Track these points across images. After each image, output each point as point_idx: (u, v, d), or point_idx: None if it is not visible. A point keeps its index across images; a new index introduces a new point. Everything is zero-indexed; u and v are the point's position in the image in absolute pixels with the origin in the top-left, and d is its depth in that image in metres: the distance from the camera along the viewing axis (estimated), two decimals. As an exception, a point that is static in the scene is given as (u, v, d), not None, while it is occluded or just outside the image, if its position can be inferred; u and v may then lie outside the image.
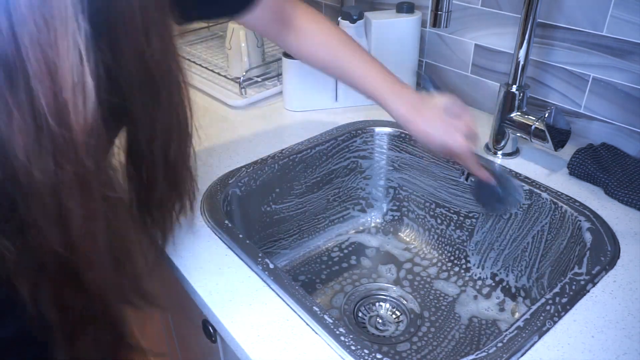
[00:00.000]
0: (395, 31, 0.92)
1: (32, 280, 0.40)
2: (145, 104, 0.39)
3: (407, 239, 0.93)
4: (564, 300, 0.55)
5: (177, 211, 0.50)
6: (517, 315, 0.77)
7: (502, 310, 0.79)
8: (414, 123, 0.64)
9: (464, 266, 0.86)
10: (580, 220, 0.67)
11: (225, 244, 0.64)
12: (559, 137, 0.73)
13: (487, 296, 0.81)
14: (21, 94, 0.32)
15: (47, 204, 0.35)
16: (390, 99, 0.65)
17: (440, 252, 0.89)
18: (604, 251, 0.61)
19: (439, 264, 0.88)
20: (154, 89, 0.40)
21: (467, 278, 0.85)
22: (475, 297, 0.81)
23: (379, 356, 0.49)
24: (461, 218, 0.85)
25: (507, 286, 0.81)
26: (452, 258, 0.88)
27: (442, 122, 0.63)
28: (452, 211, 0.86)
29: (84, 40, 0.33)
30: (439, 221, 0.89)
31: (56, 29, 0.31)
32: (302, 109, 0.97)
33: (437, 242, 0.90)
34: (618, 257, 0.61)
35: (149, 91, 0.39)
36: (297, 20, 0.67)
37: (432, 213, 0.90)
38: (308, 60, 0.70)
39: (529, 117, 0.75)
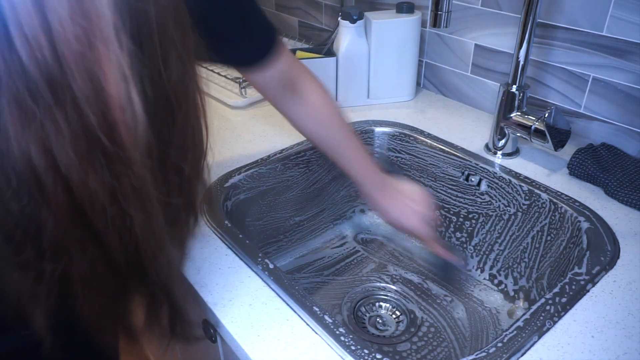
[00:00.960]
0: (395, 31, 0.92)
1: (61, 305, 0.40)
2: (160, 125, 0.39)
3: (407, 238, 0.93)
4: (564, 300, 0.55)
5: (192, 225, 0.50)
6: (517, 315, 0.77)
7: (502, 310, 0.79)
8: (381, 206, 0.71)
9: (464, 265, 0.86)
10: (580, 221, 0.67)
11: (225, 244, 0.64)
12: (559, 137, 0.73)
13: (487, 296, 0.81)
14: (70, 111, 0.32)
15: (111, 215, 0.36)
16: (365, 183, 0.71)
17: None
18: (604, 251, 0.61)
19: (439, 264, 0.88)
20: (169, 111, 0.40)
21: (467, 277, 0.85)
22: (475, 297, 0.81)
23: (378, 356, 0.49)
24: (461, 219, 0.85)
25: (507, 286, 0.81)
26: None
27: (403, 207, 0.70)
28: (451, 212, 0.86)
29: (128, 59, 0.33)
30: (438, 222, 0.89)
31: (99, 47, 0.32)
32: (302, 109, 0.97)
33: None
34: (618, 257, 0.61)
35: (164, 113, 0.39)
36: (303, 89, 0.67)
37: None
38: (303, 131, 0.71)
39: (529, 117, 0.75)
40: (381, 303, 0.82)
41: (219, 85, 1.06)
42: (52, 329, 0.40)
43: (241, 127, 0.92)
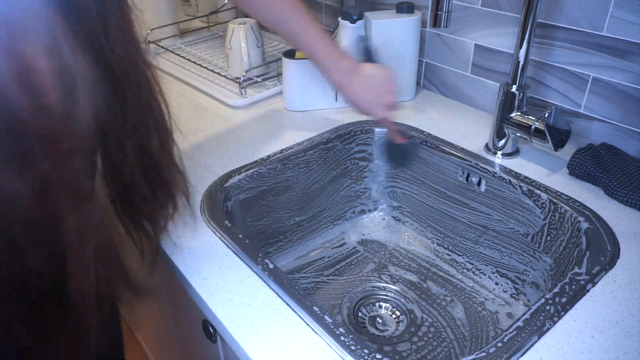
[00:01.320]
0: (395, 31, 0.92)
1: None
2: (110, 103, 0.35)
3: (407, 239, 0.93)
4: (564, 300, 0.55)
5: (171, 209, 0.47)
6: (516, 315, 0.77)
7: (502, 310, 0.79)
8: (345, 90, 0.75)
9: (464, 266, 0.86)
10: (580, 221, 0.67)
11: (225, 244, 0.64)
12: (559, 137, 0.73)
13: (487, 296, 0.81)
14: None
15: (33, 218, 0.32)
16: (329, 65, 0.74)
17: (440, 251, 0.89)
18: (604, 251, 0.61)
19: (439, 264, 0.88)
20: (117, 86, 0.36)
21: (467, 277, 0.85)
22: (475, 297, 0.81)
23: (378, 356, 0.49)
24: (461, 218, 0.85)
25: (507, 286, 0.81)
26: (452, 257, 0.88)
27: (368, 93, 0.74)
28: (453, 210, 0.86)
29: (66, 32, 0.30)
30: (439, 220, 0.89)
31: (20, 23, 0.28)
32: (302, 109, 0.97)
33: (437, 241, 0.90)
34: (618, 257, 0.61)
35: (112, 88, 0.36)
36: None
37: (432, 212, 0.90)
38: (263, 21, 0.75)
39: (529, 117, 0.75)
40: (381, 303, 0.82)
41: (219, 85, 1.06)
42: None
43: (241, 127, 0.92)
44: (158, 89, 0.41)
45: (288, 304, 0.55)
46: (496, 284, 0.82)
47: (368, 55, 0.77)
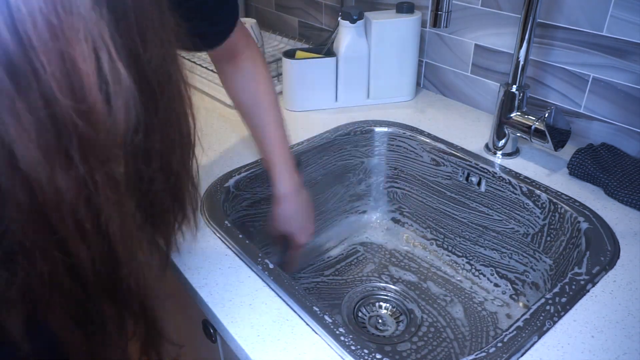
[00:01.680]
0: (395, 31, 0.92)
1: (34, 311, 0.37)
2: (142, 113, 0.35)
3: (407, 239, 0.93)
4: (564, 300, 0.55)
5: (180, 221, 0.47)
6: (516, 315, 0.77)
7: (501, 310, 0.79)
8: (282, 208, 0.74)
9: (463, 266, 0.86)
10: (579, 221, 0.67)
11: (225, 244, 0.64)
12: (559, 137, 0.73)
13: (487, 296, 0.81)
14: (34, 100, 0.29)
15: (80, 217, 0.32)
16: (278, 176, 0.73)
17: (440, 252, 0.89)
18: (604, 251, 0.61)
19: (439, 264, 0.88)
20: (150, 97, 0.36)
21: (467, 277, 0.85)
22: (475, 297, 0.81)
23: (378, 356, 0.49)
24: (461, 218, 0.85)
25: (507, 286, 0.81)
26: (452, 258, 0.88)
27: (297, 220, 0.76)
28: (453, 210, 0.86)
29: (111, 36, 0.30)
30: (439, 220, 0.89)
31: (72, 24, 0.28)
32: (302, 109, 0.97)
33: (437, 241, 0.90)
34: (618, 257, 0.61)
35: (145, 99, 0.35)
36: (241, 56, 0.69)
37: (432, 212, 0.90)
38: (230, 94, 0.74)
39: (529, 117, 0.75)
40: (381, 303, 0.82)
41: (219, 85, 1.06)
42: (32, 335, 0.37)
43: (241, 127, 0.92)
44: (188, 103, 0.41)
45: (288, 304, 0.55)
46: (496, 284, 0.82)
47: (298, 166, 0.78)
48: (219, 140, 0.87)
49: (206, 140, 0.87)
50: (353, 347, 0.50)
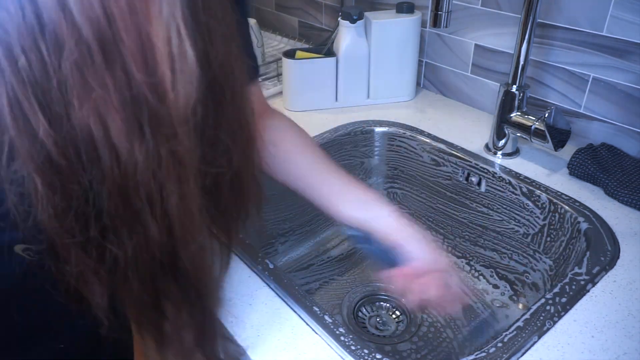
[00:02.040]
0: (395, 31, 0.92)
1: (116, 289, 0.38)
2: (207, 108, 0.36)
3: (407, 239, 0.93)
4: (564, 300, 0.55)
5: (243, 218, 0.46)
6: (516, 315, 0.77)
7: (501, 310, 0.79)
8: (404, 246, 0.55)
9: (463, 267, 0.86)
10: (579, 221, 0.67)
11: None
12: (559, 137, 0.73)
13: (487, 296, 0.81)
14: (118, 72, 0.30)
15: (150, 190, 0.33)
16: (376, 211, 0.57)
17: (440, 252, 0.89)
18: (604, 251, 0.61)
19: (439, 264, 0.88)
20: (216, 92, 0.37)
21: (466, 278, 0.85)
22: (475, 297, 0.81)
23: (378, 356, 0.49)
24: (461, 218, 0.85)
25: (506, 286, 0.81)
26: (451, 258, 0.88)
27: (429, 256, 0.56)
28: (452, 210, 0.86)
29: (183, 16, 0.31)
30: (439, 220, 0.89)
31: (150, 0, 0.29)
32: (302, 109, 0.97)
33: (437, 242, 0.90)
34: (618, 257, 0.61)
35: (211, 94, 0.36)
36: (266, 114, 0.61)
37: (432, 212, 0.90)
38: (281, 178, 0.61)
39: (529, 117, 0.75)
40: (381, 303, 0.82)
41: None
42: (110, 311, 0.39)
43: (241, 127, 0.92)
44: (249, 100, 0.41)
45: (288, 304, 0.55)
46: (496, 284, 0.82)
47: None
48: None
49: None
50: (353, 347, 0.50)
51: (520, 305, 0.78)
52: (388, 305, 0.82)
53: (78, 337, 0.47)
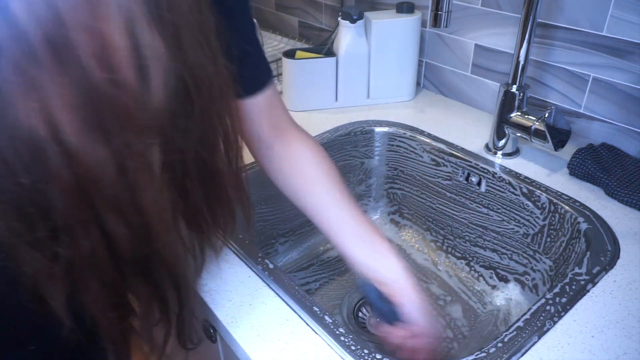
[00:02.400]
0: (395, 31, 0.92)
1: (72, 287, 0.37)
2: (176, 107, 0.35)
3: (407, 239, 0.93)
4: (564, 300, 0.55)
5: (228, 230, 0.46)
6: (516, 315, 0.77)
7: (501, 310, 0.79)
8: (405, 302, 0.56)
9: (463, 266, 0.86)
10: (580, 221, 0.67)
11: (226, 244, 0.63)
12: (559, 137, 0.73)
13: (487, 296, 0.81)
14: (74, 71, 0.29)
15: (117, 189, 0.33)
16: (384, 258, 0.56)
17: (439, 252, 0.89)
18: (604, 251, 0.61)
19: (439, 264, 0.88)
20: (186, 94, 0.36)
21: (466, 278, 0.85)
22: (475, 298, 0.81)
23: (378, 356, 0.49)
24: (461, 218, 0.85)
25: (506, 286, 0.81)
26: (451, 258, 0.88)
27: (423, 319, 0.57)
28: (452, 210, 0.86)
29: (139, 6, 0.30)
30: (439, 220, 0.89)
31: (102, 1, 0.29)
32: (302, 108, 0.97)
33: (437, 242, 0.90)
34: (618, 257, 0.61)
35: (180, 95, 0.35)
36: (288, 134, 0.59)
37: (432, 212, 0.90)
38: (279, 182, 0.60)
39: (529, 117, 0.75)
40: (381, 303, 0.82)
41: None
42: (70, 312, 0.38)
43: (241, 127, 0.92)
44: (234, 108, 0.40)
45: (288, 304, 0.55)
46: (495, 285, 0.82)
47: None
48: (219, 140, 0.87)
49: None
50: (353, 347, 0.50)
51: (521, 305, 0.78)
52: (388, 305, 0.82)
53: (47, 341, 0.46)
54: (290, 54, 0.95)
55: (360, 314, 0.80)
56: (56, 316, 0.38)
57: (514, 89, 0.76)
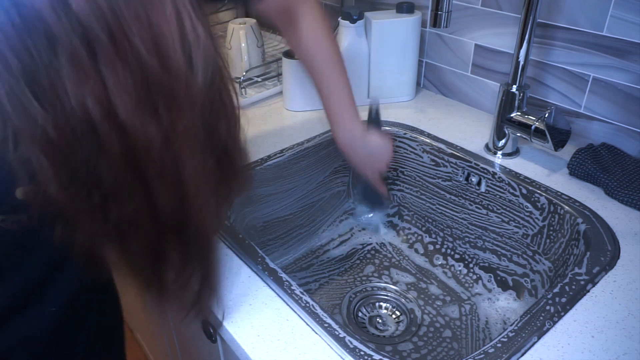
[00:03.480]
0: (395, 31, 0.92)
1: (121, 248, 0.42)
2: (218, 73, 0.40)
3: (407, 239, 0.93)
4: (564, 300, 0.55)
5: (236, 191, 0.50)
6: (516, 315, 0.77)
7: (501, 310, 0.79)
8: (348, 154, 0.80)
9: (463, 266, 0.86)
10: (580, 221, 0.67)
11: (225, 244, 0.64)
12: (559, 137, 0.73)
13: (486, 297, 0.81)
14: (130, 58, 0.33)
15: (164, 161, 0.37)
16: (337, 125, 0.78)
17: (440, 252, 0.89)
18: (604, 251, 0.61)
19: (439, 264, 0.88)
20: (192, 73, 0.39)
21: (466, 278, 0.85)
22: (475, 297, 0.81)
23: (379, 356, 0.49)
24: (461, 218, 0.85)
25: (507, 286, 0.81)
26: (451, 259, 0.88)
27: (365, 162, 0.80)
28: (452, 211, 0.86)
29: (186, 2, 0.34)
30: (439, 221, 0.89)
31: None
32: (302, 108, 0.97)
33: (437, 242, 0.90)
34: (618, 257, 0.61)
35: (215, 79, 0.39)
36: (300, 19, 0.72)
37: (432, 213, 0.90)
38: (299, 56, 0.79)
39: (529, 117, 0.75)
40: (381, 303, 0.82)
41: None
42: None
43: (245, 125, 0.92)
44: (228, 77, 0.44)
45: (288, 304, 0.55)
46: (495, 285, 0.82)
47: (375, 123, 0.82)
48: (219, 140, 0.87)
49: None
50: (353, 347, 0.50)
51: (521, 306, 0.78)
52: (388, 305, 0.82)
53: (59, 301, 0.51)
54: (290, 54, 0.95)
55: (360, 314, 0.80)
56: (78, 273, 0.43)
57: (514, 89, 0.76)
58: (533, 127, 0.74)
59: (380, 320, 0.80)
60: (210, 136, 0.42)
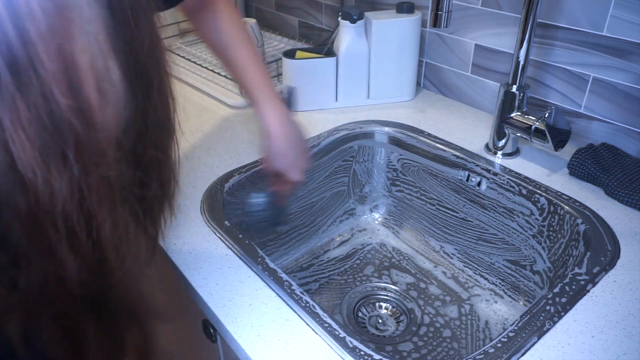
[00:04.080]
0: (395, 31, 0.92)
1: (28, 320, 0.36)
2: (137, 101, 0.34)
3: (408, 238, 0.93)
4: (564, 300, 0.55)
5: (169, 210, 0.45)
6: (516, 315, 0.77)
7: (501, 310, 0.79)
8: (270, 144, 0.74)
9: (463, 267, 0.86)
10: (580, 221, 0.67)
11: (225, 244, 0.64)
12: (559, 137, 0.73)
13: (487, 296, 0.81)
14: (34, 97, 0.28)
15: (72, 222, 0.31)
16: (264, 111, 0.74)
17: (439, 252, 0.89)
18: (604, 251, 0.61)
19: (439, 264, 0.88)
20: (144, 83, 0.35)
21: (466, 278, 0.85)
22: (475, 298, 0.81)
23: (379, 356, 0.49)
24: (461, 218, 0.85)
25: (507, 286, 0.81)
26: (451, 258, 0.88)
27: (288, 156, 0.74)
28: (452, 211, 0.86)
29: (104, 29, 0.29)
30: (439, 221, 0.89)
31: (67, 16, 0.27)
32: (302, 108, 0.97)
33: (437, 242, 0.90)
34: (618, 257, 0.61)
35: (139, 86, 0.35)
36: (212, 2, 0.74)
37: (432, 212, 0.90)
38: (205, 38, 0.77)
39: (529, 117, 0.75)
40: (381, 303, 0.82)
41: (218, 85, 1.06)
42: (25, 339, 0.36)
43: (241, 127, 0.92)
44: (172, 85, 0.40)
45: (288, 304, 0.55)
46: (495, 285, 0.82)
47: (289, 104, 0.77)
48: (219, 140, 0.87)
49: (207, 140, 0.87)
50: (353, 347, 0.50)
51: (520, 306, 0.78)
52: (388, 305, 0.82)
53: None
54: (290, 54, 0.95)
55: (360, 314, 0.80)
56: (10, 344, 0.36)
57: (514, 89, 0.76)
58: (533, 127, 0.74)
59: (380, 320, 0.80)
60: (144, 182, 0.37)
